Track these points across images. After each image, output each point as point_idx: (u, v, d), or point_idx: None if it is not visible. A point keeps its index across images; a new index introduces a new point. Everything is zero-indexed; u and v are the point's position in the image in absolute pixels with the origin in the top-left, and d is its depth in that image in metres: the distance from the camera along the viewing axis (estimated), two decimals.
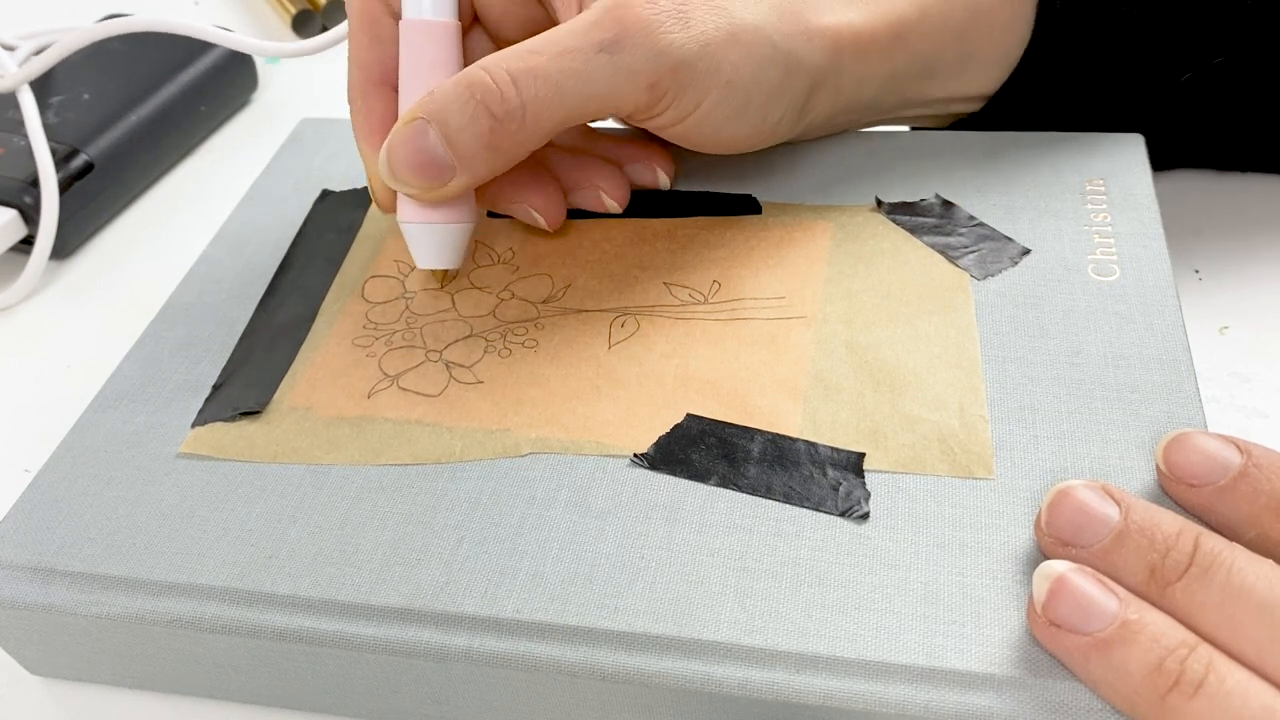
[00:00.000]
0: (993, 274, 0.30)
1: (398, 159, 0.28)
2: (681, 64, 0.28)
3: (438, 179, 0.28)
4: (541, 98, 0.27)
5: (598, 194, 0.32)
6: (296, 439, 0.28)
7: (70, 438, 0.29)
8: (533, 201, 0.31)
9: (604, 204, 0.32)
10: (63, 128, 0.43)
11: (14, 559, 0.26)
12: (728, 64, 0.29)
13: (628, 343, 0.29)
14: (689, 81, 0.28)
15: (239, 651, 0.25)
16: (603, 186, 0.32)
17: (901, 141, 0.35)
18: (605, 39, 0.27)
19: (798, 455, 0.26)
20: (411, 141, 0.27)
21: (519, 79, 0.27)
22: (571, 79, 0.27)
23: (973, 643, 0.22)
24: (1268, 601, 0.20)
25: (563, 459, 0.26)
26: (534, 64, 0.27)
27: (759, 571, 0.24)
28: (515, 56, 0.27)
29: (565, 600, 0.23)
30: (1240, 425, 0.31)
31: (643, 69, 0.27)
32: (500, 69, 0.27)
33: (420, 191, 0.28)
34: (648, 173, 0.33)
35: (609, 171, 0.32)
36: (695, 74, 0.28)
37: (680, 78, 0.28)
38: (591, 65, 0.27)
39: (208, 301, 0.33)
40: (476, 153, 0.27)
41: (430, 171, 0.28)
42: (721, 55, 0.28)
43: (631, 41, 0.27)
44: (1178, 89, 0.34)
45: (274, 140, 0.45)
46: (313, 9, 0.55)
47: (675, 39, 0.28)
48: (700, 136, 0.30)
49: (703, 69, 0.28)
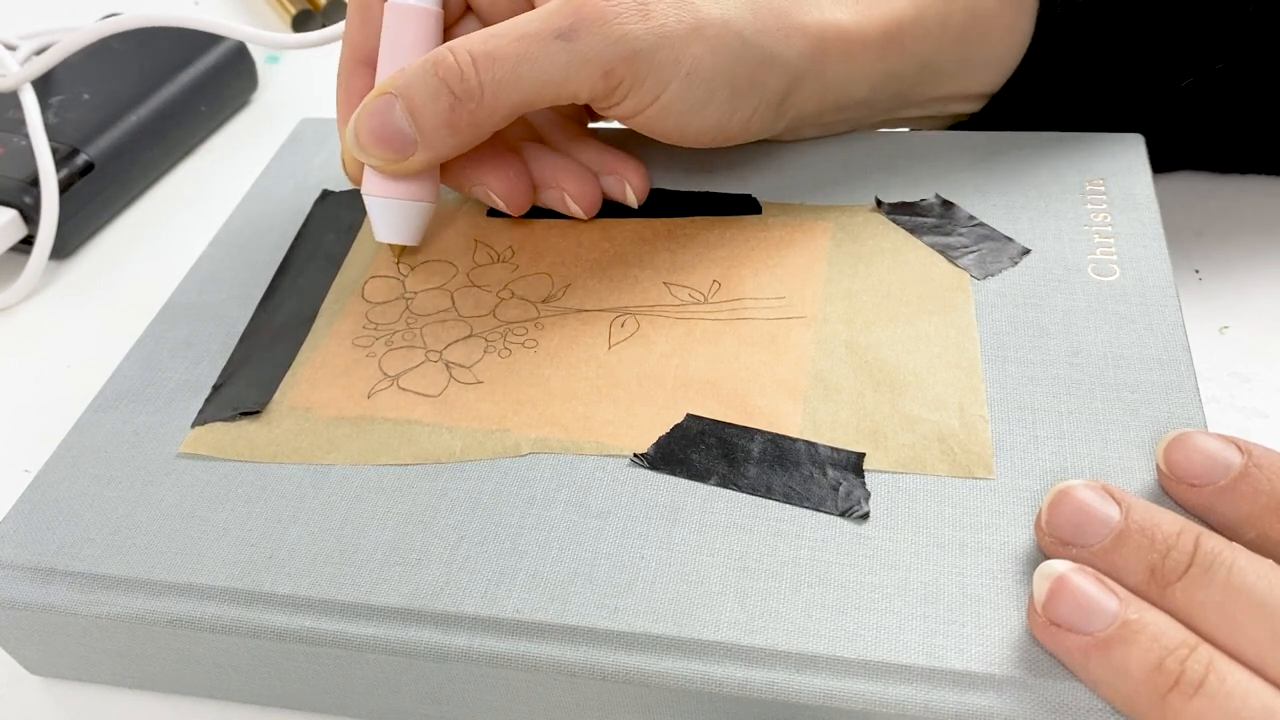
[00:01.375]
0: (993, 274, 0.30)
1: (363, 130, 0.29)
2: (637, 54, 0.28)
3: (400, 152, 0.29)
4: (498, 79, 0.28)
5: (562, 196, 0.33)
6: (296, 439, 0.28)
7: (70, 438, 0.29)
8: (491, 184, 0.32)
9: (568, 207, 0.33)
10: (63, 128, 0.43)
11: (14, 559, 0.26)
12: (688, 56, 0.29)
13: (628, 343, 0.29)
14: (646, 72, 0.29)
15: (239, 651, 0.25)
16: (569, 190, 0.33)
17: (901, 141, 0.35)
18: (562, 26, 0.28)
19: (798, 455, 0.26)
20: (378, 115, 0.29)
21: (479, 60, 0.28)
22: (527, 64, 0.28)
23: (973, 643, 0.22)
24: (1268, 601, 0.20)
25: (563, 459, 0.26)
26: (494, 47, 0.28)
27: (759, 571, 0.24)
28: (479, 39, 0.28)
29: (565, 600, 0.23)
30: (1240, 425, 0.31)
31: (596, 58, 0.28)
32: (464, 50, 0.28)
33: (383, 164, 0.29)
34: (617, 186, 0.33)
35: (581, 176, 0.33)
36: (652, 65, 0.29)
37: (636, 68, 0.28)
38: (547, 51, 0.28)
39: (208, 301, 0.33)
40: (437, 129, 0.28)
41: (393, 144, 0.29)
42: (681, 48, 0.29)
43: (587, 30, 0.28)
44: (1178, 94, 0.34)
45: (274, 140, 0.45)
46: (313, 9, 0.55)
47: (631, 29, 0.28)
48: (664, 127, 0.31)
49: (660, 60, 0.29)
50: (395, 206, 0.31)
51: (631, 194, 0.33)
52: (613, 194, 0.33)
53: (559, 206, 0.33)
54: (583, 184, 0.33)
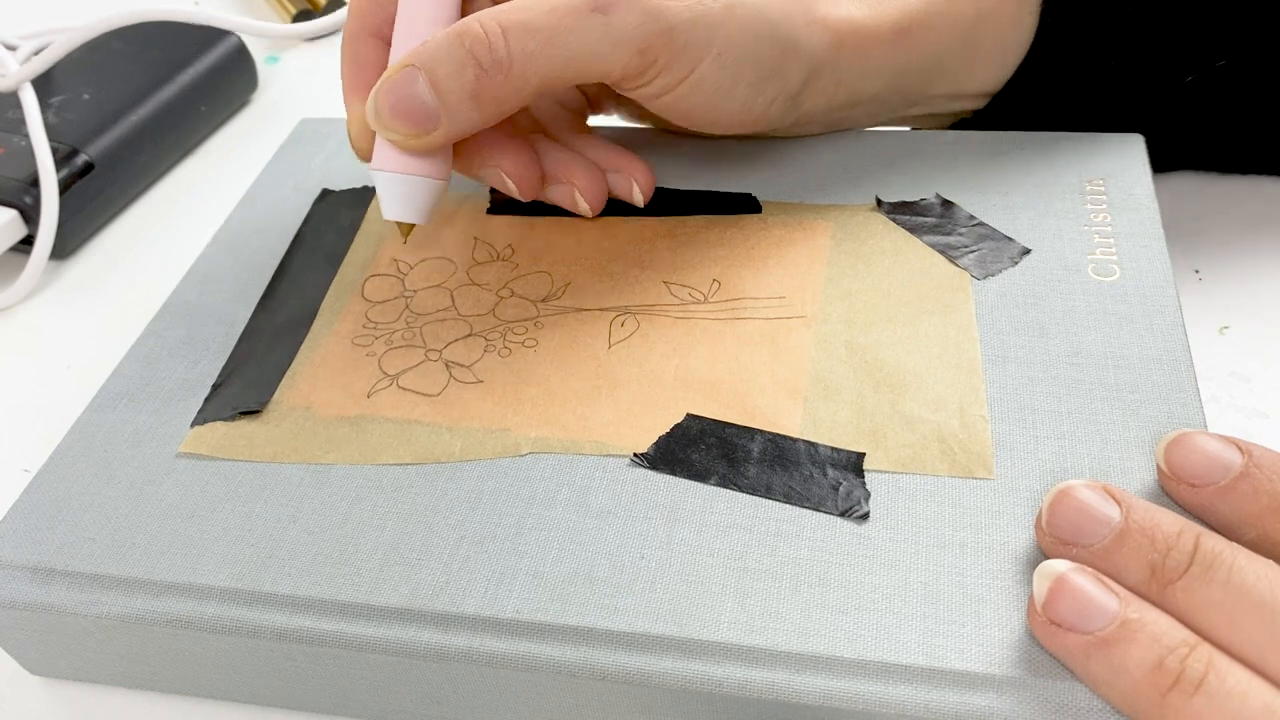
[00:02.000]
0: (993, 274, 0.30)
1: (385, 103, 0.28)
2: (674, 29, 0.28)
3: (422, 126, 0.28)
4: (529, 52, 0.27)
5: (572, 192, 0.32)
6: (296, 439, 0.28)
7: (70, 438, 0.29)
8: (504, 165, 0.31)
9: (576, 203, 0.33)
10: (63, 128, 0.43)
11: (14, 559, 0.26)
12: (721, 35, 0.29)
13: (628, 342, 0.29)
14: (680, 49, 0.28)
15: (239, 651, 0.25)
16: (579, 185, 0.32)
17: (902, 141, 0.35)
18: (598, 0, 0.27)
19: (798, 455, 0.26)
20: (400, 87, 0.28)
21: (509, 31, 0.27)
22: (562, 36, 0.27)
23: (973, 643, 0.22)
24: (1268, 601, 0.20)
25: (563, 459, 0.26)
26: (525, 18, 0.27)
27: (759, 571, 0.24)
28: (509, 9, 0.27)
29: (565, 600, 0.23)
30: (1240, 425, 0.31)
31: (633, 33, 0.27)
32: (492, 20, 0.27)
33: (404, 138, 0.28)
34: (624, 185, 0.33)
35: (591, 173, 0.32)
36: (687, 42, 0.28)
37: (671, 44, 0.28)
38: (583, 24, 0.27)
39: (208, 301, 0.33)
40: (461, 102, 0.28)
41: (415, 118, 0.28)
42: (715, 26, 0.29)
43: (625, 4, 0.27)
44: (1180, 91, 0.34)
45: (274, 140, 0.45)
46: (313, 8, 0.55)
47: (668, 5, 0.28)
48: (688, 109, 0.30)
49: (694, 37, 0.28)
50: (407, 183, 0.30)
51: (638, 192, 0.33)
52: (619, 192, 0.33)
53: (566, 202, 0.33)
54: (591, 180, 0.32)
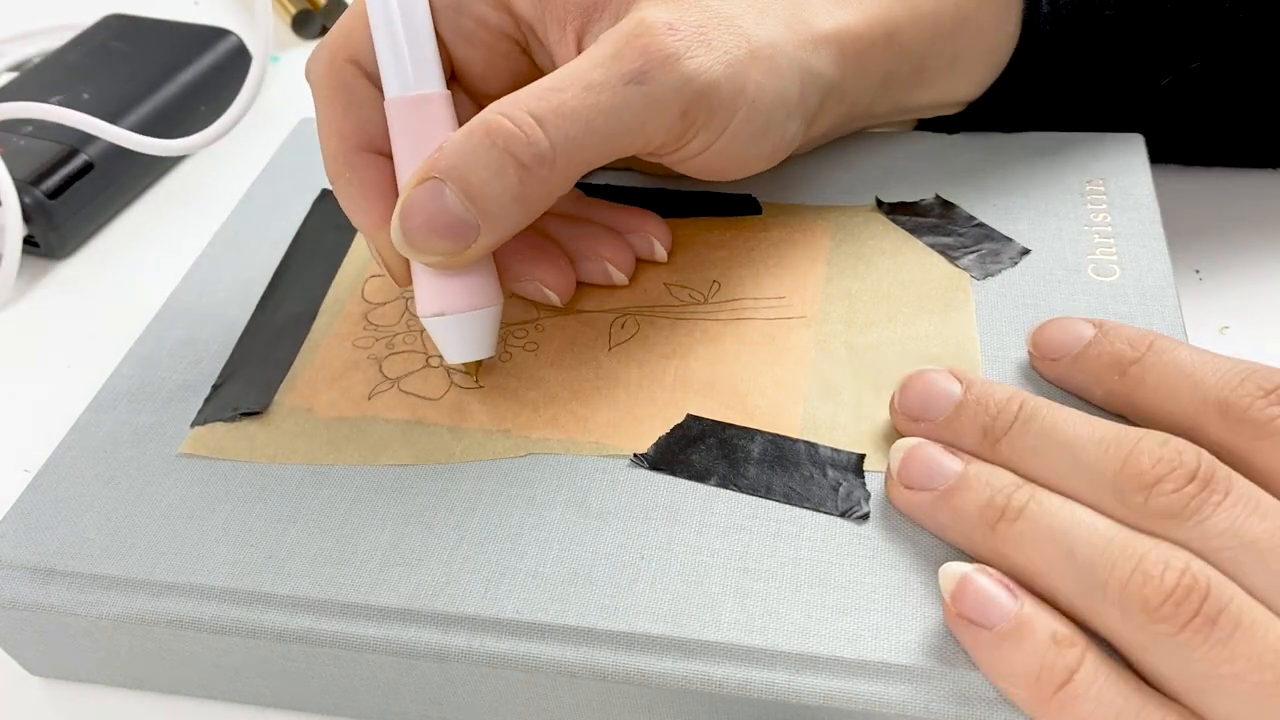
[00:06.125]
0: (993, 274, 0.30)
1: (415, 225, 0.25)
2: (711, 87, 0.26)
3: (461, 240, 0.25)
4: (572, 138, 0.25)
5: (604, 266, 0.30)
6: (296, 439, 0.28)
7: (70, 438, 0.29)
8: (544, 277, 0.29)
9: (611, 277, 0.31)
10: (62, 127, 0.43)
11: (14, 559, 0.26)
12: (751, 83, 0.27)
13: (628, 344, 0.29)
14: (718, 104, 0.27)
15: (239, 651, 0.25)
16: (608, 257, 0.30)
17: (901, 141, 0.35)
18: (633, 70, 0.25)
19: (798, 456, 0.26)
20: (429, 204, 0.25)
21: (545, 120, 0.25)
22: (602, 115, 0.25)
23: None
24: (1070, 439, 0.23)
25: (563, 459, 0.26)
26: (558, 102, 0.25)
27: (759, 572, 0.24)
28: (535, 96, 0.25)
29: (565, 600, 0.23)
30: None
31: (674, 98, 0.26)
32: (520, 111, 0.25)
33: (443, 258, 0.26)
34: (645, 245, 0.31)
35: (614, 242, 0.31)
36: (723, 96, 0.27)
37: (710, 102, 0.27)
38: (622, 98, 0.25)
39: (208, 301, 0.33)
40: (505, 206, 0.25)
41: (452, 233, 0.25)
42: (745, 74, 0.27)
43: (660, 70, 0.26)
44: (1157, 92, 0.34)
45: (274, 140, 0.45)
46: (313, 9, 0.55)
47: (702, 63, 0.26)
48: (723, 162, 0.29)
49: (729, 90, 0.27)
50: (464, 322, 0.27)
51: (660, 249, 0.31)
52: (642, 253, 0.31)
53: (601, 279, 0.31)
54: (618, 249, 0.31)
